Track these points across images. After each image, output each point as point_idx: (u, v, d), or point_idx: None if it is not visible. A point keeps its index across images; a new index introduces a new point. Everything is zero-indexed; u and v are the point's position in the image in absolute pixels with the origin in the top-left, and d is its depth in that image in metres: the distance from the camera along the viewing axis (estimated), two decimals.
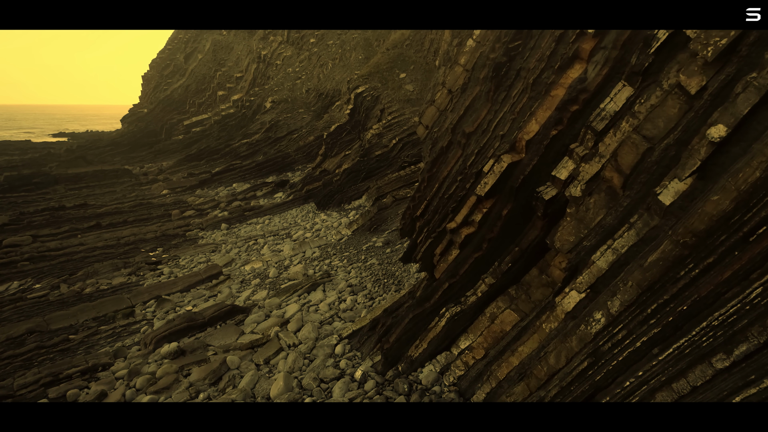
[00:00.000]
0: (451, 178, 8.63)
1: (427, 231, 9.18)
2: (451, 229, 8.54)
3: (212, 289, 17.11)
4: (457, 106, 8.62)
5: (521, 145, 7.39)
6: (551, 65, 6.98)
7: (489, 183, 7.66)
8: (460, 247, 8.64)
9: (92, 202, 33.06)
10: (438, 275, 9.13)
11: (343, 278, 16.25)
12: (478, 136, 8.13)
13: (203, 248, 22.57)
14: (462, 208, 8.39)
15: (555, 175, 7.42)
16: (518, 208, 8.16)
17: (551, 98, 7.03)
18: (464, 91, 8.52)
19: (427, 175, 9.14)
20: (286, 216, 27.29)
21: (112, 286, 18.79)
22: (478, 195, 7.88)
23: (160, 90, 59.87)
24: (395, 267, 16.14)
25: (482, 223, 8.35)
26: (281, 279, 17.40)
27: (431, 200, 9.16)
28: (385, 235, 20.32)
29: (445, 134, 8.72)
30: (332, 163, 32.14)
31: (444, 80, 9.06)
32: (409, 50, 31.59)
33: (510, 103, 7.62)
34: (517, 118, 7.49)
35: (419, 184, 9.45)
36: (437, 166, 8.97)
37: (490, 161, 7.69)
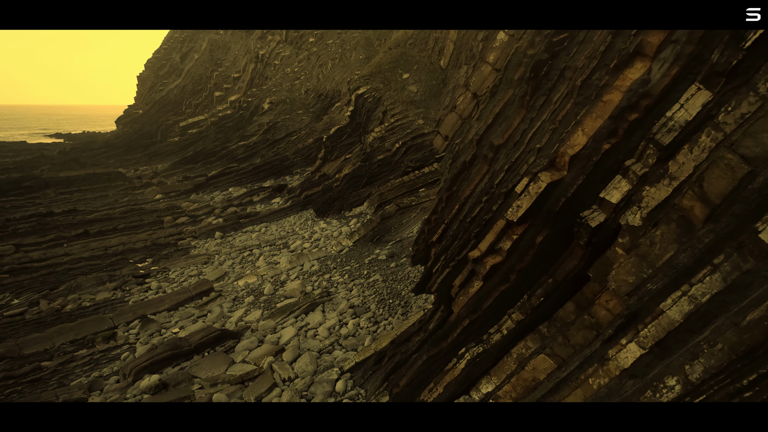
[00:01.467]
0: (474, 199, 7.30)
1: (445, 259, 7.86)
2: (473, 258, 7.21)
3: (202, 307, 15.76)
4: (484, 114, 7.29)
5: (563, 160, 6.06)
6: (605, 63, 5.65)
7: (523, 206, 6.33)
8: (483, 279, 7.31)
9: (82, 208, 31.70)
10: (457, 310, 7.80)
11: (344, 297, 14.91)
12: (509, 150, 6.81)
13: (195, 259, 21.22)
14: (487, 233, 7.07)
15: (604, 197, 6.09)
16: (555, 234, 6.82)
17: (603, 104, 5.70)
18: (493, 96, 7.18)
19: (445, 195, 7.82)
20: (284, 224, 25.94)
21: (95, 303, 17.44)
22: (509, 220, 6.55)
23: (155, 90, 58.51)
24: (401, 285, 14.80)
25: (511, 252, 7.02)
26: (277, 296, 16.06)
27: (450, 224, 7.84)
28: (389, 246, 18.98)
29: (468, 147, 7.40)
30: (332, 168, 30.80)
31: (467, 82, 7.73)
32: (412, 49, 30.25)
33: (550, 109, 6.29)
34: (558, 128, 6.16)
35: (436, 204, 8.12)
36: (458, 184, 7.65)
37: (524, 180, 6.36)
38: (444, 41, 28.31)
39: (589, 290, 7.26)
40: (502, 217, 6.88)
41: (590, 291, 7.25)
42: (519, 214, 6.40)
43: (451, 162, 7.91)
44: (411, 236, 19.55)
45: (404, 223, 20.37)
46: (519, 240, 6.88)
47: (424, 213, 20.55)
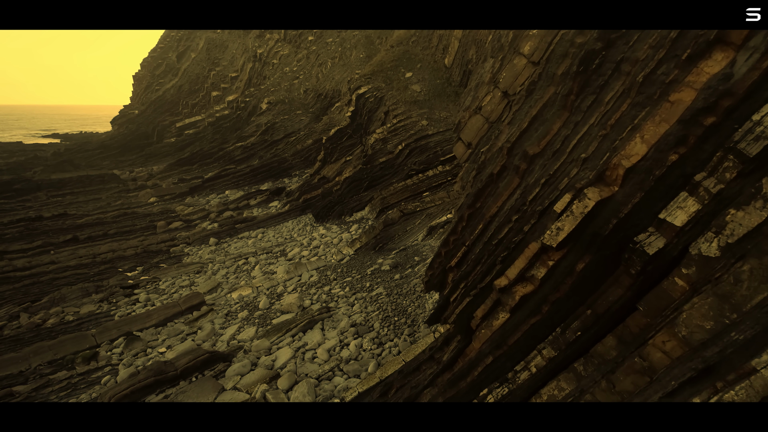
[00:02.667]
0: (502, 218, 6.19)
1: (465, 287, 6.75)
2: (500, 287, 6.09)
3: (192, 324, 14.63)
4: (517, 117, 6.15)
5: (616, 174, 4.94)
6: (675, 54, 4.54)
7: (564, 228, 5.22)
8: (511, 311, 6.19)
9: (73, 212, 30.54)
10: (478, 345, 6.68)
11: (345, 313, 13.78)
12: (547, 160, 5.70)
13: (187, 268, 20.09)
14: (517, 259, 5.96)
15: (665, 218, 4.98)
16: (599, 261, 5.70)
17: (670, 105, 4.59)
18: (530, 95, 6.04)
19: (467, 212, 6.70)
20: (281, 229, 24.81)
21: (78, 317, 16.32)
22: (545, 244, 5.43)
23: (151, 90, 57.36)
24: (407, 300, 13.68)
25: (545, 280, 5.90)
26: (273, 311, 14.93)
27: (472, 246, 6.73)
28: (392, 256, 17.85)
29: (497, 156, 6.27)
30: (332, 170, 29.67)
31: (496, 78, 6.59)
32: (415, 47, 29.12)
33: (600, 111, 5.18)
34: (610, 134, 5.05)
35: (456, 223, 6.99)
36: (483, 200, 6.53)
37: (565, 197, 5.25)
38: (449, 38, 27.19)
39: (634, 323, 6.16)
40: (535, 240, 5.76)
41: (635, 324, 6.14)
42: (559, 239, 5.28)
43: (475, 174, 6.77)
44: (416, 244, 18.43)
45: (408, 231, 19.25)
46: (555, 266, 5.76)
47: (429, 219, 19.44)
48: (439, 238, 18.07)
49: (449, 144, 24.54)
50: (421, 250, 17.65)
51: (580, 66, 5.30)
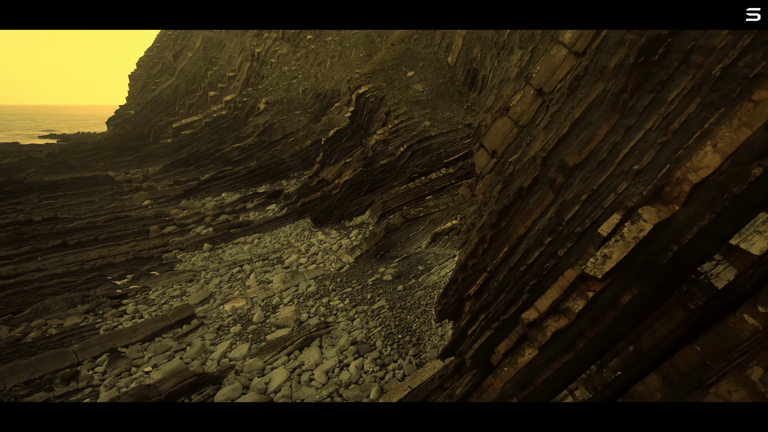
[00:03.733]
0: (532, 240, 5.26)
1: (486, 318, 5.81)
2: (529, 321, 5.15)
3: (181, 339, 13.67)
4: (556, 119, 5.19)
5: (679, 190, 4.01)
6: (764, 40, 3.62)
7: (613, 256, 4.29)
8: (540, 348, 5.25)
9: (64, 215, 29.57)
10: (500, 385, 5.74)
11: (344, 329, 12.83)
12: (590, 172, 4.76)
13: (179, 276, 19.13)
14: (549, 288, 5.03)
15: (737, 245, 4.04)
16: (649, 292, 4.76)
17: (753, 106, 3.66)
18: (572, 93, 5.10)
19: (489, 233, 5.76)
20: (279, 234, 23.86)
21: (61, 330, 15.36)
22: (588, 274, 4.49)
23: (147, 90, 56.38)
24: (411, 314, 12.73)
25: (583, 313, 4.95)
26: (267, 325, 13.98)
27: (495, 272, 5.79)
28: (394, 264, 16.91)
29: (528, 167, 5.32)
30: (331, 172, 28.71)
31: (528, 73, 5.61)
32: (417, 45, 28.18)
33: (661, 113, 4.25)
34: (671, 141, 4.13)
35: (476, 246, 6.03)
36: (509, 219, 5.58)
37: (614, 217, 4.32)
38: (452, 36, 26.26)
39: (683, 360, 5.24)
40: (572, 267, 4.81)
41: (685, 361, 5.22)
42: (606, 268, 4.34)
43: (502, 188, 5.82)
44: (419, 251, 17.49)
45: (411, 237, 18.30)
46: (596, 298, 4.80)
47: (433, 225, 18.50)
48: (444, 245, 17.13)
49: (453, 146, 23.61)
50: (425, 258, 16.70)
51: (639, 56, 4.36)
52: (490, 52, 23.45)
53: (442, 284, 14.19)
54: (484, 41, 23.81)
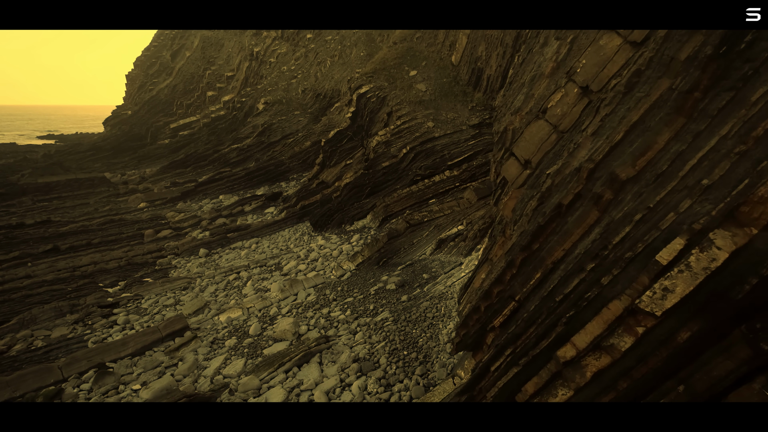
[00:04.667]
0: (570, 265, 4.51)
1: (513, 353, 5.05)
2: (565, 360, 4.42)
3: (172, 354, 12.92)
4: (608, 123, 4.43)
5: (761, 211, 3.28)
6: None
7: (677, 290, 3.55)
8: (577, 389, 4.50)
9: (57, 218, 28.83)
10: None
11: (346, 343, 12.08)
12: (645, 187, 4.02)
13: (173, 284, 18.38)
14: (590, 321, 4.29)
15: None
16: (710, 328, 4.00)
17: None
18: (630, 91, 4.35)
19: (520, 256, 5.00)
20: (277, 239, 23.10)
21: (48, 343, 14.61)
22: (642, 309, 3.75)
23: (145, 90, 55.61)
24: (417, 328, 11.98)
25: (630, 351, 4.20)
26: (264, 338, 13.23)
27: (525, 301, 5.06)
28: (398, 272, 16.16)
29: (570, 180, 4.58)
30: (331, 174, 27.96)
31: (571, 68, 4.85)
32: (420, 44, 27.43)
33: (741, 116, 3.50)
34: (752, 150, 3.39)
35: (503, 270, 5.27)
36: (542, 240, 4.84)
37: (677, 241, 3.59)
38: (456, 34, 25.52)
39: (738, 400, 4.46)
40: (618, 298, 4.06)
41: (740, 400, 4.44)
42: (668, 304, 3.60)
43: (537, 204, 5.06)
44: (423, 259, 16.74)
45: (415, 243, 17.55)
46: (647, 334, 4.05)
47: (438, 231, 17.75)
48: (449, 252, 16.38)
49: (457, 147, 22.87)
50: (430, 266, 15.95)
51: (720, 46, 3.61)
52: (495, 50, 22.71)
53: (449, 295, 13.45)
54: (489, 39, 23.06)
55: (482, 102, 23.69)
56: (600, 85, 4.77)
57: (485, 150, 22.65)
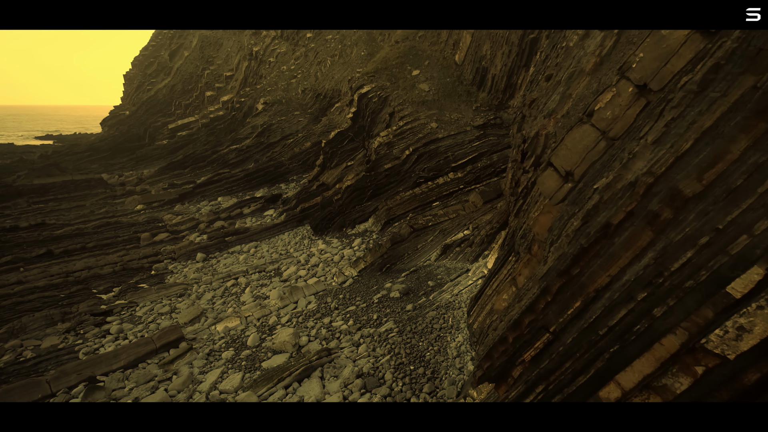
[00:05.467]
0: (617, 294, 3.91)
1: (545, 391, 4.46)
2: (609, 402, 3.82)
3: (167, 367, 12.32)
4: (673, 129, 3.81)
5: None
6: None
7: (756, 330, 2.96)
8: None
9: (52, 221, 28.24)
10: None
11: (348, 356, 11.49)
12: (712, 204, 3.43)
13: (169, 291, 17.78)
14: (638, 357, 3.70)
15: None
16: None
17: None
18: (703, 90, 3.73)
19: (557, 283, 4.40)
20: (277, 243, 22.50)
21: (38, 354, 14.01)
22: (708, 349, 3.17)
23: (143, 90, 54.99)
24: (423, 341, 11.38)
25: (686, 392, 3.61)
26: (263, 350, 12.64)
27: (560, 333, 4.46)
28: (401, 279, 15.56)
29: (623, 196, 3.98)
30: (332, 176, 27.37)
31: (623, 64, 4.20)
32: (422, 43, 26.83)
33: None
34: None
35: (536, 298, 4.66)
36: (583, 265, 4.24)
37: (754, 271, 3.00)
38: (460, 33, 24.92)
39: None
40: (673, 332, 3.47)
41: None
42: (744, 346, 3.01)
43: (581, 224, 4.44)
44: (428, 265, 16.14)
45: (419, 249, 16.96)
46: (707, 374, 3.46)
47: (443, 236, 17.15)
48: (455, 258, 15.79)
49: (461, 148, 22.28)
50: (435, 272, 15.36)
51: None
52: (500, 49, 22.12)
53: (456, 304, 12.86)
54: (494, 38, 22.47)
55: (487, 102, 23.10)
56: (662, 83, 4.13)
57: (490, 151, 22.07)
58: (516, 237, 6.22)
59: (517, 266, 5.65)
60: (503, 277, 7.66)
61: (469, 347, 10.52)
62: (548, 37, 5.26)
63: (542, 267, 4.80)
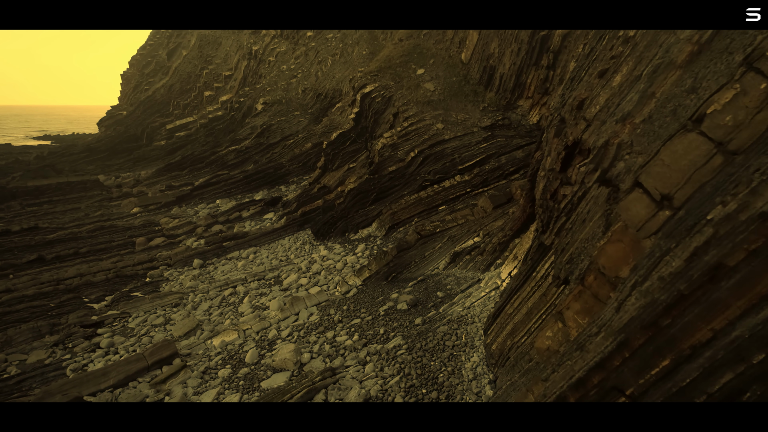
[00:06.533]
0: (720, 352, 2.87)
1: None
2: None
3: (159, 386, 11.49)
4: None
5: None
6: None
7: None
8: None
9: (45, 225, 27.40)
10: None
11: (354, 376, 10.65)
12: None
13: (164, 300, 16.95)
14: None
15: None
16: None
17: None
18: None
19: (641, 337, 3.33)
20: (276, 248, 21.67)
21: (22, 370, 13.18)
22: None
23: (140, 90, 54.13)
24: (435, 359, 10.55)
25: None
26: (262, 367, 11.81)
27: (639, 397, 3.50)
28: (409, 288, 14.73)
29: (745, 229, 3.09)
30: (333, 178, 26.54)
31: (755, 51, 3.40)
32: (427, 41, 26.01)
33: None
34: None
35: (610, 353, 3.80)
36: (676, 314, 3.34)
37: None
38: (466, 30, 24.08)
39: None
40: None
41: None
42: None
43: (684, 264, 3.58)
44: (436, 273, 15.31)
45: (427, 257, 16.13)
46: None
47: (452, 243, 16.32)
48: (465, 266, 14.95)
49: (468, 150, 21.46)
50: (445, 282, 14.53)
51: None
52: (509, 47, 21.29)
53: (469, 318, 12.03)
54: (502, 36, 21.65)
55: (495, 102, 22.27)
56: None
57: (498, 153, 21.25)
58: (557, 260, 5.39)
59: (565, 298, 4.84)
60: (532, 300, 6.83)
61: (486, 369, 9.69)
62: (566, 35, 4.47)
63: (608, 309, 3.97)
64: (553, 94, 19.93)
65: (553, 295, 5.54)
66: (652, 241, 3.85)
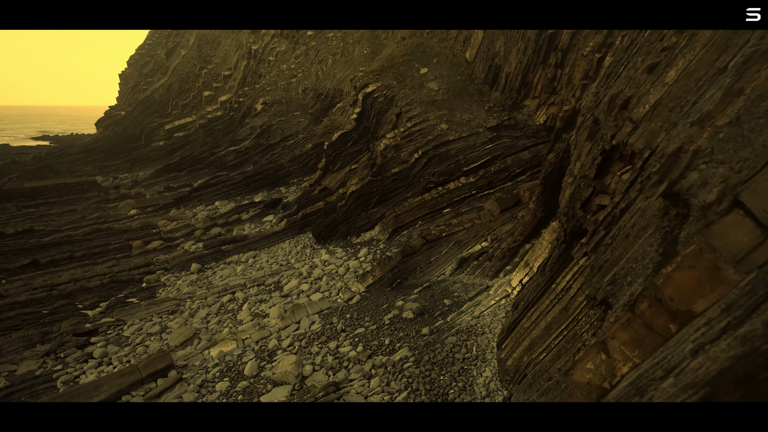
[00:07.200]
0: None
1: None
2: None
3: (153, 401, 10.90)
4: None
5: None
6: None
7: None
8: None
9: (41, 227, 26.85)
10: None
11: (359, 391, 10.09)
12: None
13: (160, 307, 16.37)
14: None
15: None
16: None
17: None
18: None
19: (735, 394, 2.87)
20: (277, 252, 21.09)
21: (11, 382, 12.61)
22: None
23: (139, 90, 53.54)
24: (444, 374, 9.98)
25: None
26: (262, 380, 11.24)
27: None
28: (414, 295, 14.16)
29: None
30: (334, 180, 25.97)
31: None
32: (430, 39, 25.43)
33: None
34: None
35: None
36: None
37: None
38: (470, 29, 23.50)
39: None
40: None
41: None
42: None
43: None
44: (443, 280, 14.75)
45: (433, 262, 15.56)
46: None
47: (458, 248, 15.75)
48: (472, 272, 14.39)
49: (473, 151, 20.90)
50: (452, 289, 13.97)
51: None
52: (516, 45, 20.72)
53: (479, 328, 11.47)
54: (508, 34, 21.08)
55: (500, 102, 21.71)
56: None
57: (504, 155, 20.70)
58: (593, 277, 4.82)
59: (610, 326, 4.29)
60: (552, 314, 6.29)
61: (500, 384, 9.13)
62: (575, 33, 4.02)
63: (676, 349, 3.43)
64: (561, 93, 19.37)
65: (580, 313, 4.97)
66: (757, 276, 3.23)
